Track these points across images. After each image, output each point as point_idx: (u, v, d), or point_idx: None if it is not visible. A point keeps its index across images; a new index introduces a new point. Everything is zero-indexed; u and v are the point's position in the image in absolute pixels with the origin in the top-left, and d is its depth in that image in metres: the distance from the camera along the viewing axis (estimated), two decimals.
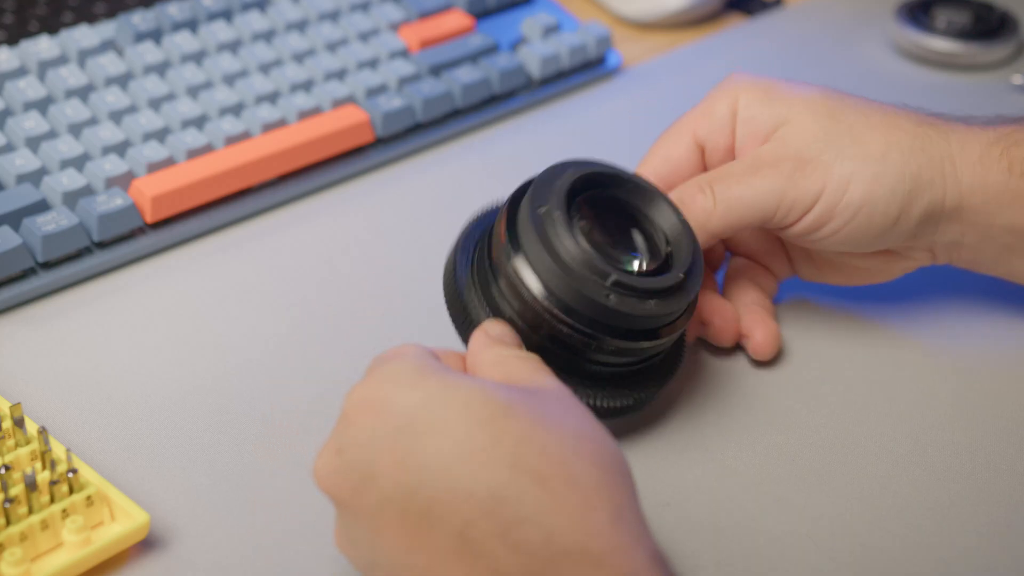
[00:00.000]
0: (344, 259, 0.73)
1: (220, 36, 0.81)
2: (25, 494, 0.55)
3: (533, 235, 0.57)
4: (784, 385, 0.65)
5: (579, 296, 0.56)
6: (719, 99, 0.65)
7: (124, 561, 0.56)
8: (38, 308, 0.69)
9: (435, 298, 0.70)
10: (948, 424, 0.63)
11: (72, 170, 0.72)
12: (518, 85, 0.85)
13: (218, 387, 0.64)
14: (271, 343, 0.67)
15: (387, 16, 0.86)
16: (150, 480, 0.59)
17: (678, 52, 0.93)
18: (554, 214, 0.56)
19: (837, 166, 0.61)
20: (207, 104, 0.77)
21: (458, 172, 0.80)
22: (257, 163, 0.75)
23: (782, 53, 0.93)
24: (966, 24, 0.91)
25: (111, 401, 0.63)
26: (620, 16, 0.96)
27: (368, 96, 0.81)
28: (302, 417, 0.63)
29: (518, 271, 0.57)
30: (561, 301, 0.56)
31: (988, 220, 0.63)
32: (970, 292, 0.70)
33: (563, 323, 0.56)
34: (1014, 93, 0.89)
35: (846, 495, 0.59)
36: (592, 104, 0.87)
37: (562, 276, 0.56)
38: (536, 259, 0.56)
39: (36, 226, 0.69)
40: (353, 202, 0.77)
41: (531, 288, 0.56)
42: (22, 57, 0.77)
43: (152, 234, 0.72)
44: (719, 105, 0.65)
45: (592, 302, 0.56)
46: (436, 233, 0.75)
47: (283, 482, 0.59)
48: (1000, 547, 0.57)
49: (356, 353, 0.66)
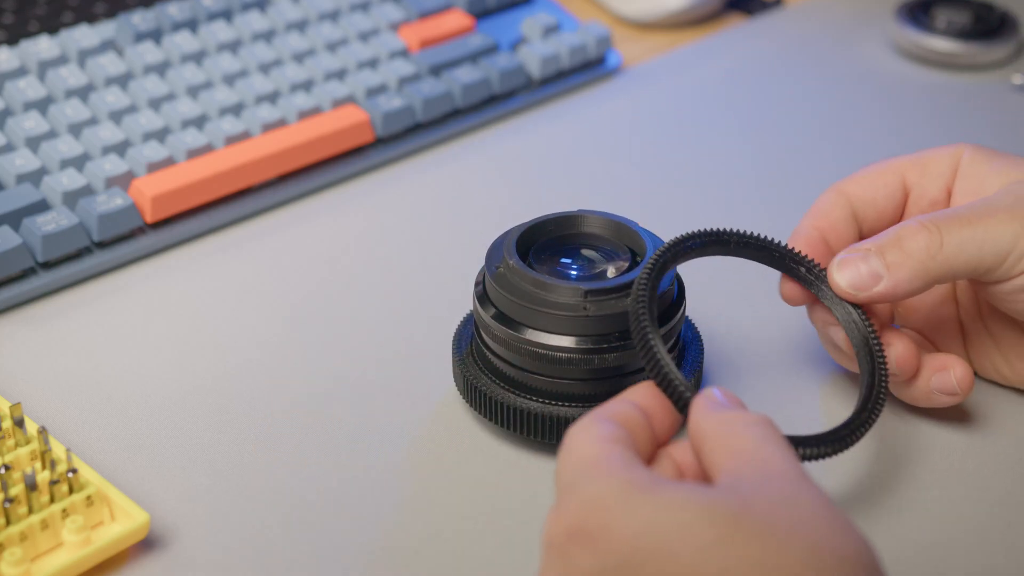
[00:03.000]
0: (344, 259, 0.73)
1: (220, 36, 0.81)
2: (25, 494, 0.55)
3: (500, 293, 0.58)
4: (782, 383, 0.65)
5: (560, 320, 0.57)
6: (938, 154, 0.63)
7: (124, 561, 0.55)
8: (38, 308, 0.69)
9: (435, 298, 0.70)
10: (948, 423, 0.63)
11: (72, 170, 0.72)
12: (518, 85, 0.85)
13: (218, 387, 0.64)
14: (271, 343, 0.67)
15: (387, 16, 0.86)
16: (150, 480, 0.59)
17: (678, 52, 0.93)
18: (510, 264, 0.58)
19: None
20: (207, 104, 0.77)
21: (458, 172, 0.80)
22: (257, 163, 0.75)
23: (782, 53, 0.93)
24: (966, 24, 0.91)
25: (111, 401, 0.63)
26: (620, 16, 0.96)
27: (368, 96, 0.81)
28: (302, 417, 0.63)
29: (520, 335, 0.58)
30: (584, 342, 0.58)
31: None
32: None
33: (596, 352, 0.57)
34: (1014, 93, 0.89)
35: (846, 495, 0.59)
36: (592, 104, 0.87)
37: (547, 313, 0.57)
38: (517, 314, 0.58)
39: (36, 226, 0.69)
40: (353, 202, 0.77)
41: (550, 343, 0.58)
42: (22, 57, 0.77)
43: (152, 234, 0.72)
44: (938, 160, 0.63)
45: (586, 318, 0.57)
46: (436, 233, 0.75)
47: (283, 482, 0.59)
48: (1000, 547, 0.57)
49: (356, 353, 0.66)
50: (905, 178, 0.63)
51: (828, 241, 0.62)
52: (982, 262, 0.58)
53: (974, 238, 0.57)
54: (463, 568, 0.55)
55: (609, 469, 0.47)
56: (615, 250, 0.61)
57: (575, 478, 0.47)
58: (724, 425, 0.49)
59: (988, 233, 0.57)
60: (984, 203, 0.59)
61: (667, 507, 0.45)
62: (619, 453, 0.48)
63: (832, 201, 0.62)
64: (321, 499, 0.58)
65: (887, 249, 0.58)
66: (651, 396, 0.53)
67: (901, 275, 0.58)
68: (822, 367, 0.66)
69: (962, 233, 0.57)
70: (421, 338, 0.67)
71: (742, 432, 0.49)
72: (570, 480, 0.47)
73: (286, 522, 0.57)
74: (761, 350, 0.67)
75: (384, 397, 0.64)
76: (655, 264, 0.57)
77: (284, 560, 0.56)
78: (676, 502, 0.45)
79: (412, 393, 0.64)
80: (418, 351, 0.66)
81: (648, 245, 0.60)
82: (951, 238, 0.57)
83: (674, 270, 0.60)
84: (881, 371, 0.58)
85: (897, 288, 0.58)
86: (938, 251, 0.57)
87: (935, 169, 0.62)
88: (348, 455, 0.60)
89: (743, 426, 0.49)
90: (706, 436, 0.49)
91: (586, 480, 0.47)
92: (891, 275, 0.58)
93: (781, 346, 0.67)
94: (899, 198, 0.63)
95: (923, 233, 0.58)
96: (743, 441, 0.48)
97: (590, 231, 0.62)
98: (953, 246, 0.57)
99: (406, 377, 0.65)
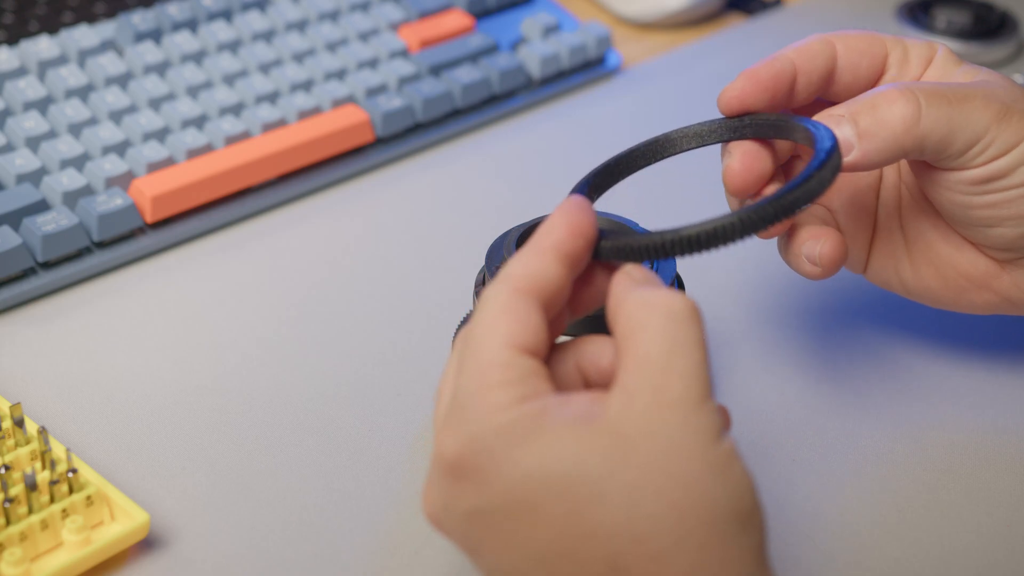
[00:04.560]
0: (344, 259, 0.73)
1: (220, 36, 0.81)
2: (25, 494, 0.55)
3: None
4: (784, 385, 0.65)
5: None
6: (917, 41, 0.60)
7: (124, 561, 0.55)
8: (38, 308, 0.69)
9: (435, 298, 0.70)
10: (948, 424, 0.63)
11: (72, 170, 0.72)
12: (518, 85, 0.85)
13: (218, 387, 0.64)
14: (271, 343, 0.67)
15: (387, 16, 0.86)
16: (150, 480, 0.59)
17: (678, 52, 0.93)
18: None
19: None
20: (207, 104, 0.77)
21: (458, 172, 0.80)
22: (257, 163, 0.75)
23: None
24: (966, 24, 0.91)
25: (111, 401, 0.63)
26: (620, 16, 0.96)
27: (368, 96, 0.81)
28: (302, 417, 0.63)
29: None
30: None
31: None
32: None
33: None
34: None
35: (846, 495, 0.59)
36: (592, 104, 0.87)
37: None
38: None
39: (36, 226, 0.69)
40: (353, 202, 0.77)
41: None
42: (22, 57, 0.77)
43: (152, 234, 0.72)
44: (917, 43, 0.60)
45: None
46: (436, 233, 0.75)
47: (283, 482, 0.59)
48: (1000, 547, 0.57)
49: (356, 353, 0.66)
50: (888, 53, 0.60)
51: (797, 85, 0.59)
52: (952, 144, 0.56)
53: (952, 117, 0.55)
54: (463, 568, 0.55)
55: (499, 404, 0.46)
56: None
57: (469, 399, 0.46)
58: (643, 313, 0.47)
59: (965, 115, 0.55)
60: (961, 86, 0.57)
61: (547, 454, 0.45)
62: (516, 378, 0.46)
63: (819, 50, 0.59)
64: (321, 499, 0.58)
65: (860, 115, 0.55)
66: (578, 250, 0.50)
67: (872, 145, 0.55)
68: (823, 365, 0.66)
69: (941, 109, 0.55)
70: (421, 338, 0.67)
71: (657, 333, 0.46)
72: (466, 398, 0.47)
73: (286, 522, 0.57)
74: (761, 349, 0.67)
75: (384, 397, 0.64)
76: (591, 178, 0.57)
77: (284, 560, 0.56)
78: (557, 451, 0.45)
79: (412, 393, 0.64)
80: (418, 351, 0.66)
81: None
82: (931, 111, 0.55)
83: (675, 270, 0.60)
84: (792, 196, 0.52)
85: (866, 158, 0.55)
86: (915, 124, 0.55)
87: (915, 53, 0.60)
88: (348, 455, 0.61)
89: (661, 324, 0.46)
90: (620, 317, 0.47)
91: (478, 409, 0.46)
92: (861, 144, 0.55)
93: (782, 346, 0.67)
94: (878, 70, 0.60)
95: (901, 101, 0.55)
96: (654, 346, 0.46)
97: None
98: (931, 119, 0.55)
99: (406, 377, 0.65)
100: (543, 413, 0.46)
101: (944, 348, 0.68)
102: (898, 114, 0.55)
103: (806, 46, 0.59)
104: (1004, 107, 0.56)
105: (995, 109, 0.56)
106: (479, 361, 0.47)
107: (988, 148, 0.56)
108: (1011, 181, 0.57)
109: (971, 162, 0.56)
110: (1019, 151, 0.56)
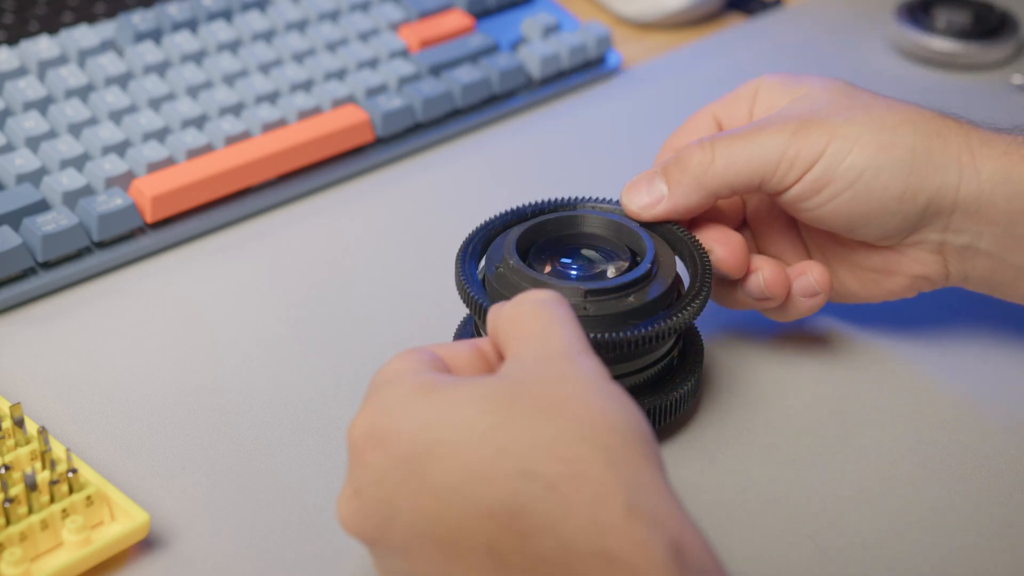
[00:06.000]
0: (344, 259, 0.73)
1: (220, 36, 0.81)
2: (25, 494, 0.55)
3: (499, 292, 0.58)
4: (784, 384, 0.65)
5: None
6: (743, 86, 0.66)
7: (124, 561, 0.55)
8: (38, 308, 0.69)
9: (435, 298, 0.70)
10: (948, 423, 0.63)
11: (72, 170, 0.72)
12: (518, 85, 0.85)
13: (218, 387, 0.64)
14: (271, 343, 0.67)
15: (387, 16, 0.86)
16: (150, 480, 0.59)
17: (678, 52, 0.93)
18: (510, 263, 0.59)
19: (844, 127, 0.60)
20: (207, 104, 0.77)
21: (458, 172, 0.80)
22: (257, 163, 0.75)
23: (782, 53, 0.93)
24: (966, 24, 0.91)
25: (111, 401, 0.63)
26: (620, 16, 0.96)
27: (368, 96, 0.81)
28: (302, 417, 0.63)
29: None
30: None
31: (1012, 219, 0.60)
32: (969, 314, 0.70)
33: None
34: (1014, 93, 0.89)
35: (846, 495, 0.59)
36: (592, 104, 0.87)
37: None
38: None
39: (36, 226, 0.69)
40: (353, 202, 0.77)
41: None
42: (22, 57, 0.77)
43: (152, 234, 0.72)
44: (742, 89, 0.66)
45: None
46: (436, 233, 0.75)
47: (283, 482, 0.59)
48: (1000, 547, 0.57)
49: (356, 353, 0.66)
50: (716, 116, 0.66)
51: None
52: (754, 174, 0.61)
53: (743, 151, 0.61)
54: None
55: (401, 377, 0.50)
56: (615, 250, 0.61)
57: (376, 387, 0.50)
58: (515, 310, 0.52)
59: (757, 146, 0.61)
60: (760, 120, 0.62)
61: (445, 404, 0.48)
62: (416, 362, 0.50)
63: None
64: (321, 499, 0.58)
65: (669, 169, 0.62)
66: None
67: (679, 191, 0.61)
68: (823, 366, 0.66)
69: (732, 147, 0.61)
70: (421, 338, 0.67)
71: (531, 317, 0.51)
72: (371, 389, 0.51)
73: (286, 522, 0.57)
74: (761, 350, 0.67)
75: None
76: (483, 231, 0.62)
77: (284, 559, 0.56)
78: (454, 399, 0.48)
79: None
80: None
81: (648, 245, 0.60)
82: (722, 152, 0.61)
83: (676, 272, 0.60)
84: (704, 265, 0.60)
85: (677, 204, 0.61)
86: (709, 165, 0.61)
87: (737, 101, 0.66)
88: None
89: (532, 310, 0.51)
90: (498, 327, 0.52)
91: (382, 387, 0.50)
92: (671, 193, 0.61)
93: (780, 346, 0.67)
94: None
95: (697, 151, 0.61)
96: (530, 325, 0.51)
97: (590, 231, 0.62)
98: (723, 159, 0.61)
99: None
100: (439, 380, 0.49)
101: (944, 348, 0.68)
102: (695, 162, 0.61)
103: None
104: (801, 123, 0.61)
105: (791, 128, 0.61)
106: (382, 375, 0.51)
107: (795, 163, 0.60)
108: (835, 188, 0.60)
109: (785, 181, 0.61)
110: (827, 158, 0.60)
